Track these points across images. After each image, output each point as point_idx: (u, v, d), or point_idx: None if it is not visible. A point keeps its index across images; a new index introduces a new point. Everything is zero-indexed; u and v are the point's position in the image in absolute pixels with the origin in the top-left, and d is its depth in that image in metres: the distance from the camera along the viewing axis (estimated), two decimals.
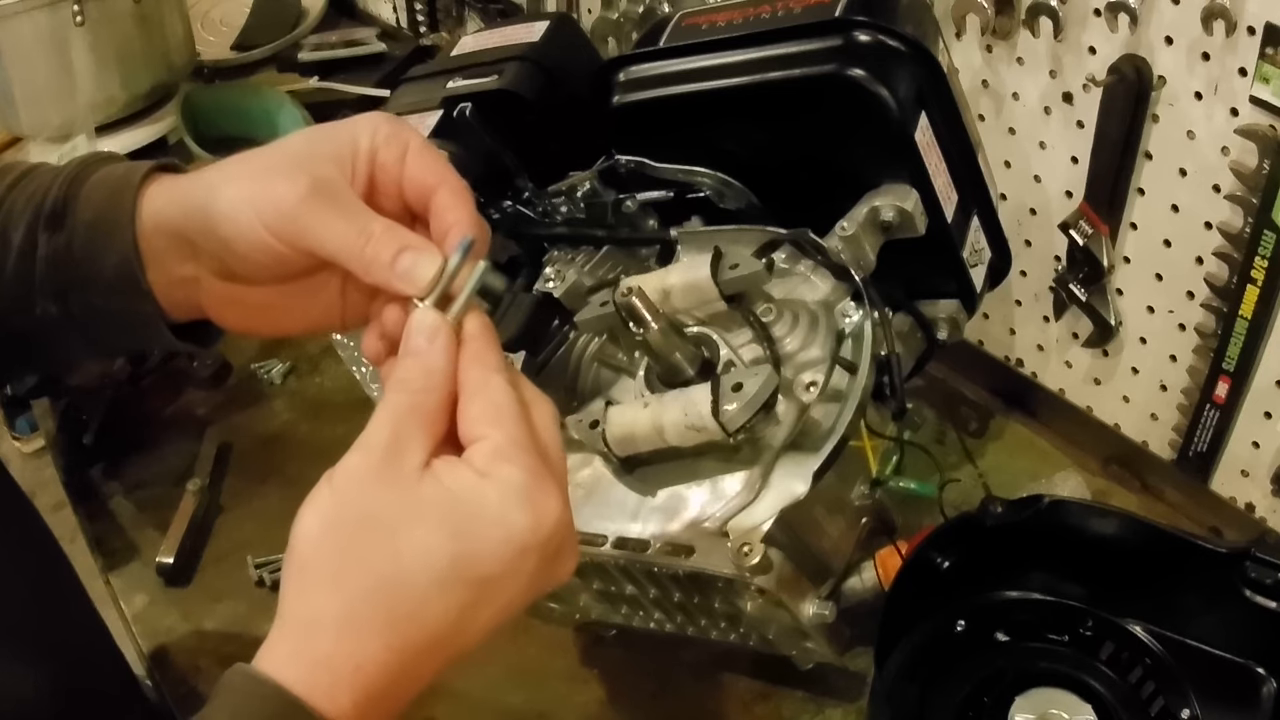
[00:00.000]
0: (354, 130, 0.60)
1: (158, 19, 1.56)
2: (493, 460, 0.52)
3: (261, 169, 0.59)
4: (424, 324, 0.55)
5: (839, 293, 0.83)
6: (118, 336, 0.67)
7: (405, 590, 0.50)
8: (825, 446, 0.76)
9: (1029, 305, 1.12)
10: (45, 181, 0.65)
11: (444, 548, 0.50)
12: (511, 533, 0.51)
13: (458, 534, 0.51)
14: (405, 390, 0.54)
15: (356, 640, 0.49)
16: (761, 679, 0.94)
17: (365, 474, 0.52)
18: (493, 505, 0.51)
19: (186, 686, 0.98)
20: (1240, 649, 0.84)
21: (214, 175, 0.61)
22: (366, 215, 0.57)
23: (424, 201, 0.59)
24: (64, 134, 1.51)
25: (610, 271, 0.92)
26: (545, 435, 0.55)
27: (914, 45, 0.83)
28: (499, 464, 0.52)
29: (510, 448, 0.53)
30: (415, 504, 0.51)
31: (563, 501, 0.53)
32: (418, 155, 0.60)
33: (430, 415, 0.53)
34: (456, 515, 0.51)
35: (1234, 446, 1.00)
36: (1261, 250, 0.88)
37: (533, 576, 0.52)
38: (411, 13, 1.76)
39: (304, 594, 0.50)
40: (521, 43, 0.98)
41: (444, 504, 0.51)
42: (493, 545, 0.51)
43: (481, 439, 0.53)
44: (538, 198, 0.94)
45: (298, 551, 0.51)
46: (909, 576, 0.83)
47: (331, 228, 0.57)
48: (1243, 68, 0.84)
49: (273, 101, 1.63)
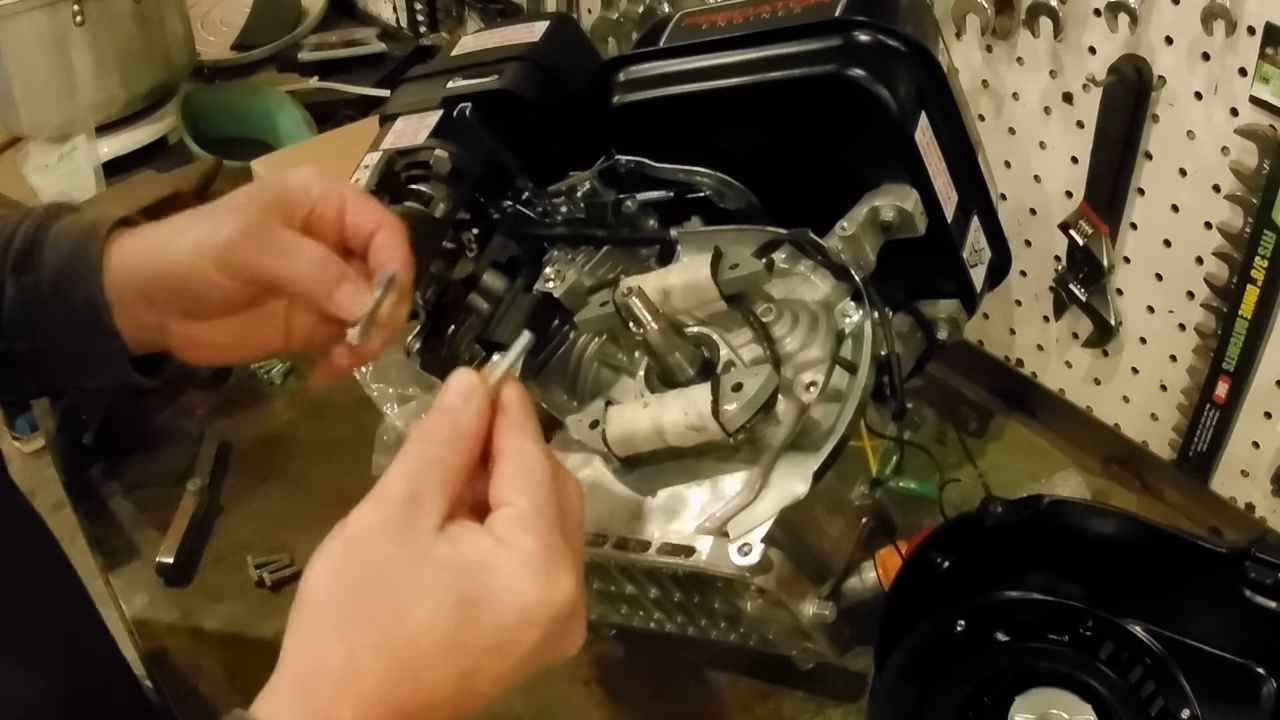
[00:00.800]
0: (289, 184, 0.66)
1: (158, 19, 1.56)
2: (513, 528, 0.52)
3: (206, 216, 0.66)
4: (460, 383, 0.55)
5: (839, 293, 0.83)
6: (83, 372, 0.71)
7: (409, 649, 0.49)
8: (825, 446, 0.76)
9: (1029, 305, 1.12)
10: (10, 224, 0.70)
11: (452, 612, 0.50)
12: (520, 603, 0.51)
13: (466, 600, 0.50)
14: (429, 443, 0.53)
15: (356, 694, 0.49)
16: (761, 679, 0.94)
17: (379, 527, 0.51)
18: (505, 573, 0.51)
19: (186, 686, 0.98)
20: (1240, 649, 0.84)
21: (166, 231, 0.68)
22: (302, 242, 0.64)
23: (364, 243, 0.66)
24: (64, 134, 1.51)
25: (610, 271, 0.92)
26: (570, 512, 0.55)
27: (914, 45, 0.83)
28: (519, 532, 0.52)
29: (534, 517, 0.52)
30: (427, 564, 0.51)
31: (576, 579, 0.52)
32: (356, 204, 0.66)
33: (451, 473, 0.53)
34: (467, 580, 0.51)
35: (1234, 446, 1.00)
36: (1261, 250, 0.88)
37: (535, 649, 0.52)
38: (411, 13, 1.76)
39: (308, 641, 0.50)
40: (521, 43, 0.98)
41: (456, 567, 0.51)
42: (500, 614, 0.51)
43: (508, 504, 0.53)
44: (538, 198, 0.94)
45: (305, 598, 0.50)
46: (909, 576, 0.83)
47: (272, 254, 0.64)
48: (1243, 68, 0.84)
49: (273, 101, 1.63)
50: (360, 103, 1.67)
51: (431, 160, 0.90)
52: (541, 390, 0.90)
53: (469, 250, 0.97)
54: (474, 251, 0.97)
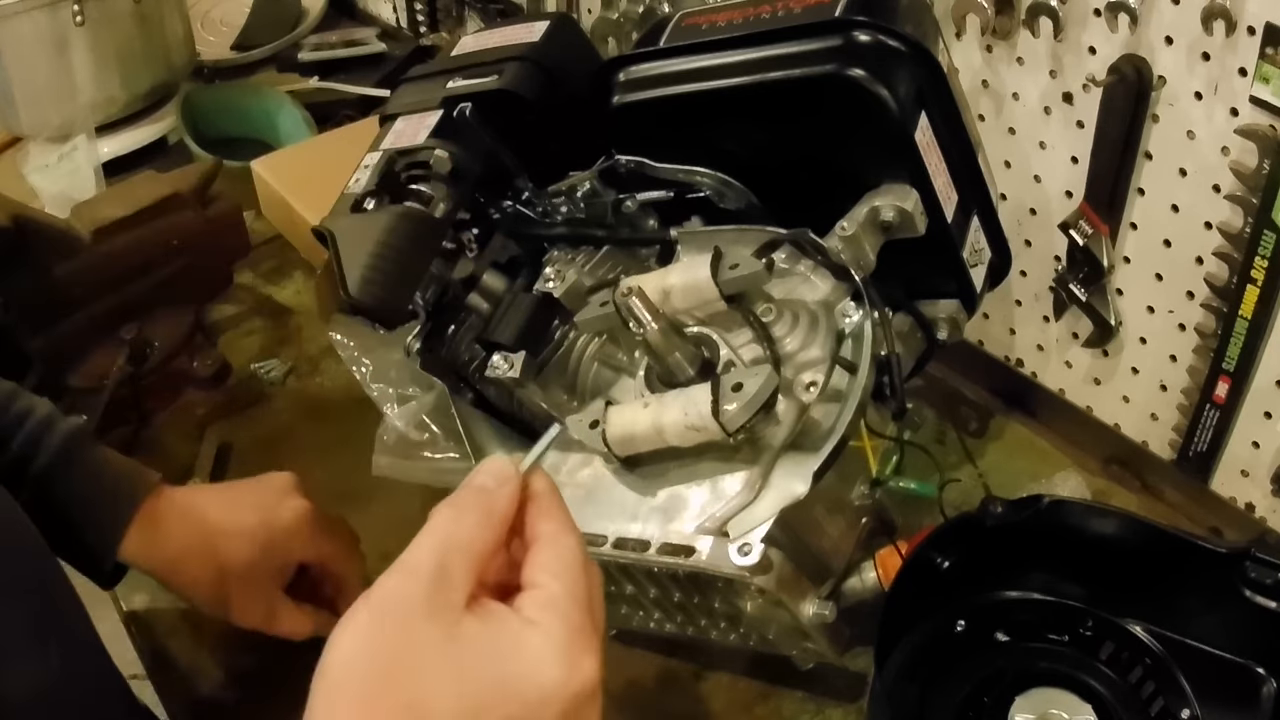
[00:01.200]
0: (287, 547, 0.91)
1: (158, 19, 1.56)
2: (543, 610, 0.53)
3: (199, 569, 0.88)
4: (495, 468, 0.56)
5: (839, 293, 0.83)
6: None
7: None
8: (825, 446, 0.76)
9: (1029, 305, 1.12)
10: (31, 435, 0.85)
11: (476, 694, 0.50)
12: (541, 682, 0.51)
13: (491, 680, 0.51)
14: (460, 522, 0.54)
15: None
16: (761, 679, 0.94)
17: (408, 600, 0.51)
18: (530, 652, 0.51)
19: (186, 686, 0.98)
20: (1240, 649, 0.84)
21: (172, 550, 0.88)
22: (276, 601, 0.91)
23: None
24: (64, 134, 1.50)
25: (610, 271, 0.92)
26: (596, 599, 0.56)
27: (914, 45, 0.83)
28: (548, 615, 0.52)
29: (565, 600, 0.53)
30: (456, 639, 0.51)
31: (598, 664, 0.53)
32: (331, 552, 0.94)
33: (481, 555, 0.53)
34: (493, 657, 0.51)
35: (1234, 446, 1.00)
36: (1261, 250, 0.88)
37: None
38: (411, 13, 1.76)
39: (332, 714, 0.50)
40: (521, 43, 0.98)
41: (484, 646, 0.51)
42: (523, 692, 0.51)
43: (540, 587, 0.53)
44: (538, 198, 0.94)
45: (330, 671, 0.50)
46: (909, 576, 0.83)
47: (248, 610, 0.89)
48: (1243, 68, 0.84)
49: (273, 101, 1.63)
50: (360, 103, 1.67)
51: (431, 160, 0.90)
52: (542, 390, 0.90)
53: (469, 250, 0.97)
54: (474, 251, 0.97)
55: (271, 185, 1.42)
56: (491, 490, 0.55)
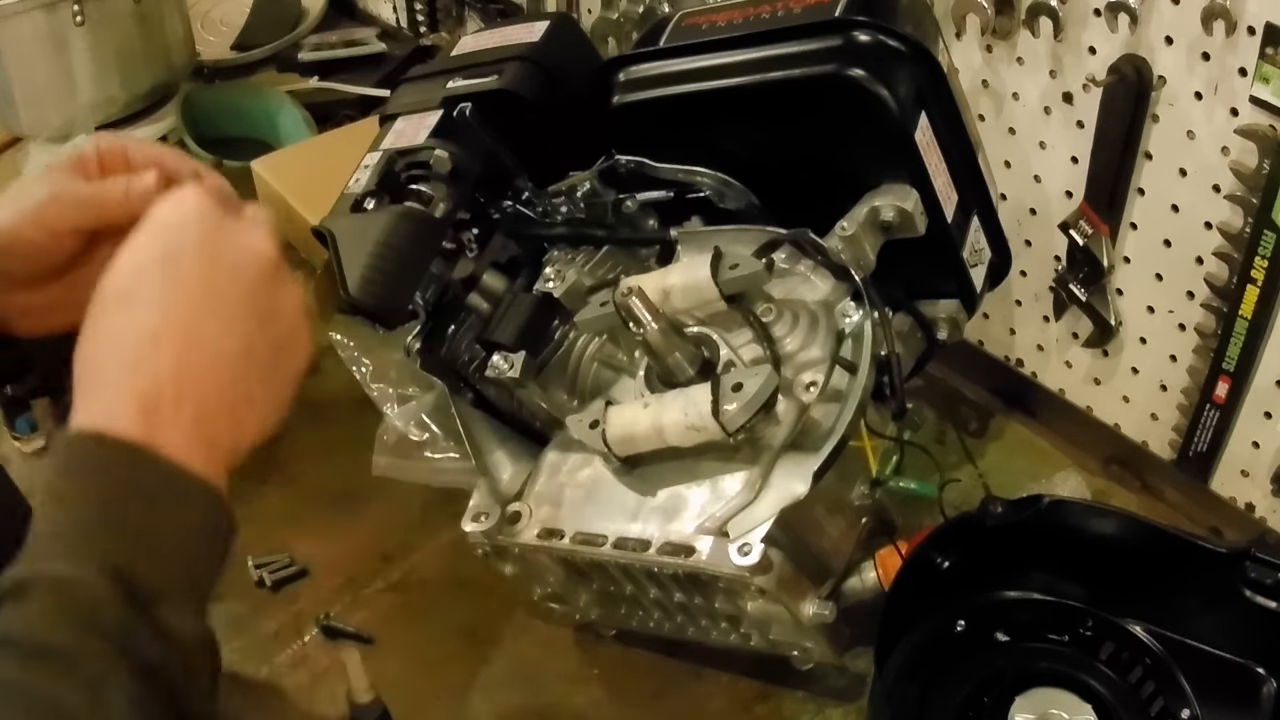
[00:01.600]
0: (76, 151, 0.78)
1: (158, 19, 1.56)
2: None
3: (13, 193, 0.75)
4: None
5: (839, 293, 0.83)
6: None
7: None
8: (825, 446, 0.76)
9: (1029, 305, 1.12)
10: None
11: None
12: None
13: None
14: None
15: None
16: (761, 679, 0.94)
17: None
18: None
19: None
20: (1240, 649, 0.84)
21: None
22: (105, 180, 0.75)
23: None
24: (64, 134, 1.51)
25: (610, 271, 0.92)
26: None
27: (914, 45, 0.83)
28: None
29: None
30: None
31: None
32: (135, 146, 0.77)
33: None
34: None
35: (1234, 446, 1.00)
36: (1261, 250, 0.88)
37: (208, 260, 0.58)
38: (411, 13, 1.76)
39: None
40: (521, 43, 0.98)
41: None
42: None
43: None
44: (538, 198, 0.94)
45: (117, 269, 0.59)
46: (909, 576, 0.83)
47: (81, 201, 0.74)
48: (1243, 68, 0.84)
49: (273, 101, 1.63)
50: (360, 103, 1.66)
51: (431, 160, 0.90)
52: (542, 390, 0.90)
53: (469, 250, 0.97)
54: (474, 251, 0.97)
55: (271, 185, 1.41)
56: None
